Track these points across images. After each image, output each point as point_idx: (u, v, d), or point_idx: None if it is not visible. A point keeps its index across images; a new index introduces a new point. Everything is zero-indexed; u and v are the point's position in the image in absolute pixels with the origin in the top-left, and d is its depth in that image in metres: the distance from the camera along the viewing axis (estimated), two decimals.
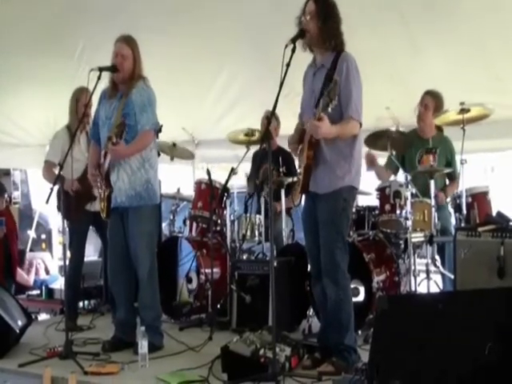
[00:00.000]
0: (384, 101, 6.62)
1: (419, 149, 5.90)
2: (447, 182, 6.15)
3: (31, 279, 8.23)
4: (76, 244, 5.95)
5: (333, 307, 4.25)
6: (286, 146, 6.73)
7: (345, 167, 4.25)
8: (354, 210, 5.88)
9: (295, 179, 6.16)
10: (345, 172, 4.25)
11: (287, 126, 6.69)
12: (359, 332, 5.14)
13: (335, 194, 4.22)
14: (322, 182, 4.25)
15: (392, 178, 6.17)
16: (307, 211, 4.48)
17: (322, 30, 4.21)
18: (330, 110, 3.98)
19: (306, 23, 4.22)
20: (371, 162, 6.12)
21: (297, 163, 5.36)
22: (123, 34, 5.03)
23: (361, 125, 4.24)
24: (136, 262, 4.98)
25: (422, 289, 5.59)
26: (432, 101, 5.99)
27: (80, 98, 5.90)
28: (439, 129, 6.17)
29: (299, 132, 4.47)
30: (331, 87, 3.94)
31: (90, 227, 6.18)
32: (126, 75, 4.96)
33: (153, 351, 4.71)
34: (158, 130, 5.41)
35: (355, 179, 4.33)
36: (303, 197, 4.52)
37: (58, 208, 5.96)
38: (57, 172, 5.23)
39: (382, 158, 6.27)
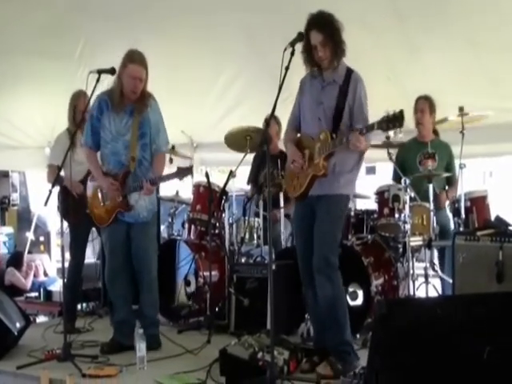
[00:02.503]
0: (380, 104, 6.61)
1: (418, 152, 5.94)
2: (446, 187, 6.15)
3: (29, 283, 8.20)
4: (77, 246, 5.95)
5: (329, 305, 4.25)
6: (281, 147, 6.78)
7: (347, 177, 4.36)
8: (352, 213, 5.95)
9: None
10: (347, 182, 4.36)
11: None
12: (357, 336, 5.14)
13: (336, 197, 4.31)
14: (325, 185, 4.29)
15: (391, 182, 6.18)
16: (301, 216, 4.50)
17: (334, 51, 4.27)
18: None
19: (323, 55, 4.26)
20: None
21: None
22: (140, 55, 4.97)
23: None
24: (143, 264, 5.09)
25: (420, 293, 5.58)
26: (426, 103, 6.05)
27: (77, 103, 5.93)
28: (435, 133, 6.19)
29: (296, 143, 4.49)
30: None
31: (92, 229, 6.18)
32: (138, 95, 5.02)
33: (157, 346, 5.04)
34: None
35: (353, 190, 4.54)
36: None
37: (59, 209, 5.97)
38: (62, 174, 5.23)
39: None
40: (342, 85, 4.28)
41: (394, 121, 3.87)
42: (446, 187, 6.14)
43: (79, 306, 6.66)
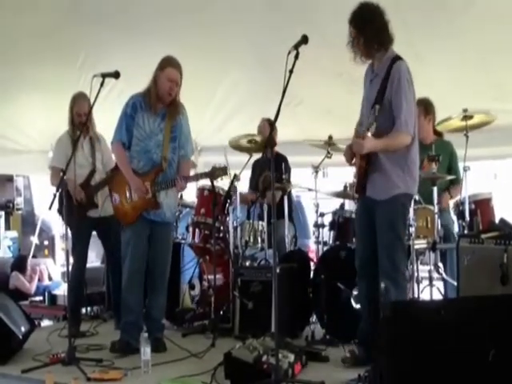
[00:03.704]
0: None
1: (420, 155, 5.92)
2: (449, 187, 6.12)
3: (33, 287, 8.21)
4: (79, 250, 5.94)
5: None
6: (283, 152, 6.81)
7: (400, 175, 4.37)
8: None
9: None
10: (400, 180, 4.37)
11: (288, 133, 6.73)
12: None
13: (392, 200, 4.35)
14: (380, 189, 4.38)
15: None
16: (359, 214, 4.68)
17: (366, 45, 4.36)
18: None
19: (356, 49, 4.39)
20: None
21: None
22: (176, 60, 5.20)
23: (414, 135, 4.34)
24: (160, 267, 5.28)
25: (425, 295, 5.57)
26: (420, 108, 5.92)
27: (73, 106, 5.98)
28: (439, 134, 6.15)
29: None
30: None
31: (93, 233, 6.18)
32: (173, 98, 5.20)
33: (164, 350, 5.10)
34: None
35: (411, 186, 4.46)
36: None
37: (59, 212, 5.98)
38: (64, 177, 5.24)
39: None
40: (384, 78, 4.33)
41: None
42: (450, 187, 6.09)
43: (84, 310, 6.67)
